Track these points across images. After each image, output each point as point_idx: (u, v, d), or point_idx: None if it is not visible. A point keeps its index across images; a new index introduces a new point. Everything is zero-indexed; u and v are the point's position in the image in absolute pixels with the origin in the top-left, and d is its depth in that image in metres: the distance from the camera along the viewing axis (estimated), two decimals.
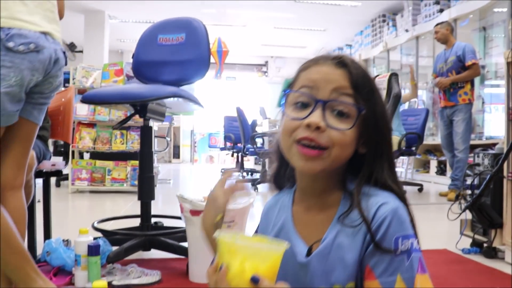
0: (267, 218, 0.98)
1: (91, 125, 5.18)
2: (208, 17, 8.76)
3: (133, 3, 8.05)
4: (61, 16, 1.73)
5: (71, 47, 9.65)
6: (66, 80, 6.70)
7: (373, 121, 0.83)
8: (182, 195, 1.87)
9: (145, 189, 2.19)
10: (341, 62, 0.84)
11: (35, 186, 1.91)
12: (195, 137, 12.73)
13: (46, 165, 2.06)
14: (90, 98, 2.06)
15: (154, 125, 6.64)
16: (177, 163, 12.30)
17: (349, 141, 0.82)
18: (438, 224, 3.35)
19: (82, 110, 5.17)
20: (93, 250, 1.77)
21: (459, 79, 4.71)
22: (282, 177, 0.98)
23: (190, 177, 8.61)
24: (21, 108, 1.50)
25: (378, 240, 0.77)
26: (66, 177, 5.36)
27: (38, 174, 2.06)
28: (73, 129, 5.19)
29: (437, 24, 5.06)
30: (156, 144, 6.93)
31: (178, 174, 8.98)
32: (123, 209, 3.97)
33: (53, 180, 5.79)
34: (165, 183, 6.59)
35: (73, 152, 5.22)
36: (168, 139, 6.59)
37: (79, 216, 3.98)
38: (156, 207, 4.25)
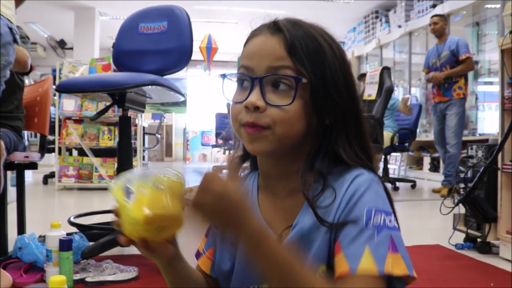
0: None
1: (78, 121, 5.07)
2: (200, 13, 8.66)
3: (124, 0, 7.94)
4: None
5: (61, 44, 9.53)
6: (54, 78, 6.60)
7: (321, 86, 0.73)
8: None
9: None
10: (276, 27, 0.74)
11: (5, 178, 1.82)
12: (187, 135, 12.62)
13: (18, 157, 1.96)
14: (65, 87, 1.97)
15: (145, 122, 6.56)
16: (170, 161, 12.19)
17: (292, 117, 0.72)
18: (431, 220, 3.27)
19: (69, 106, 5.06)
20: (64, 244, 1.67)
21: (453, 73, 4.65)
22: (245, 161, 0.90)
23: (183, 175, 8.50)
24: None
25: (349, 209, 0.70)
26: (53, 175, 5.26)
27: (9, 166, 1.96)
28: (60, 125, 5.11)
29: (435, 15, 4.97)
30: (146, 141, 6.84)
31: None
32: (110, 206, 3.87)
33: (40, 177, 5.71)
34: None
35: (59, 148, 5.12)
36: (159, 136, 6.50)
37: (63, 212, 3.87)
38: None
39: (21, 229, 2.12)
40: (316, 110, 0.74)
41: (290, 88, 0.72)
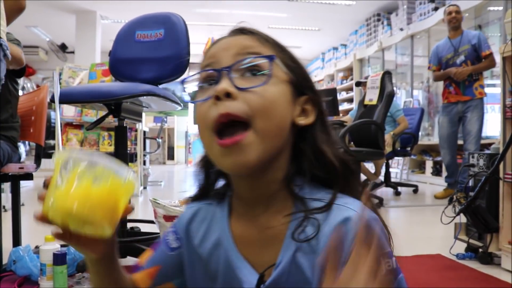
0: (188, 236, 0.77)
1: (78, 126, 5.05)
2: (201, 17, 8.64)
3: (125, 3, 7.92)
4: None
5: (62, 48, 9.52)
6: None
7: (295, 75, 0.70)
8: (156, 199, 1.74)
9: None
10: (241, 30, 0.72)
11: (0, 190, 1.79)
12: (189, 138, 12.60)
13: (12, 168, 1.93)
14: (60, 98, 1.94)
15: (146, 126, 6.53)
16: (171, 165, 12.18)
17: (271, 103, 0.64)
18: (432, 228, 3.23)
19: (69, 111, 5.04)
20: (58, 259, 1.64)
21: (478, 69, 4.31)
22: (211, 186, 0.79)
23: (184, 179, 8.48)
24: None
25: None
26: None
27: (3, 178, 1.94)
28: (60, 130, 5.09)
29: (455, 5, 4.64)
30: (148, 146, 6.82)
31: (172, 176, 8.86)
32: None
33: (41, 182, 5.67)
34: (156, 185, 6.47)
35: None
36: (159, 140, 6.47)
37: None
38: (146, 211, 4.14)
39: (16, 241, 2.09)
40: (295, 101, 0.69)
41: (260, 72, 0.66)
